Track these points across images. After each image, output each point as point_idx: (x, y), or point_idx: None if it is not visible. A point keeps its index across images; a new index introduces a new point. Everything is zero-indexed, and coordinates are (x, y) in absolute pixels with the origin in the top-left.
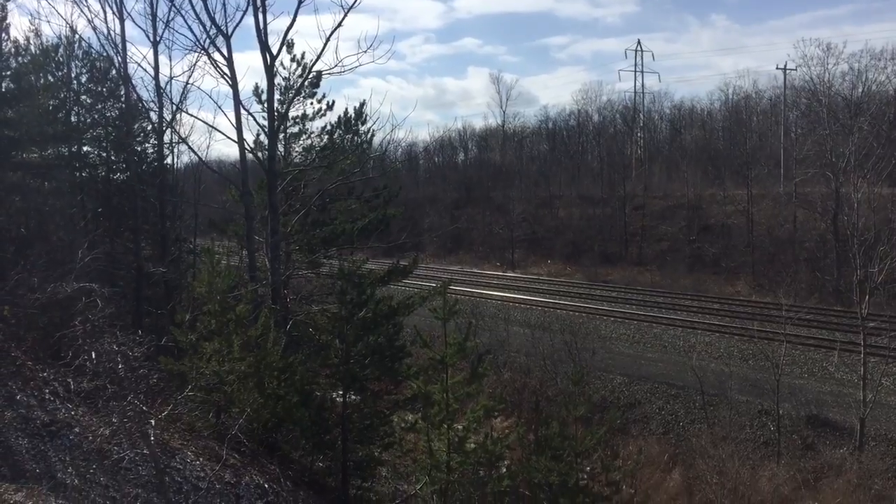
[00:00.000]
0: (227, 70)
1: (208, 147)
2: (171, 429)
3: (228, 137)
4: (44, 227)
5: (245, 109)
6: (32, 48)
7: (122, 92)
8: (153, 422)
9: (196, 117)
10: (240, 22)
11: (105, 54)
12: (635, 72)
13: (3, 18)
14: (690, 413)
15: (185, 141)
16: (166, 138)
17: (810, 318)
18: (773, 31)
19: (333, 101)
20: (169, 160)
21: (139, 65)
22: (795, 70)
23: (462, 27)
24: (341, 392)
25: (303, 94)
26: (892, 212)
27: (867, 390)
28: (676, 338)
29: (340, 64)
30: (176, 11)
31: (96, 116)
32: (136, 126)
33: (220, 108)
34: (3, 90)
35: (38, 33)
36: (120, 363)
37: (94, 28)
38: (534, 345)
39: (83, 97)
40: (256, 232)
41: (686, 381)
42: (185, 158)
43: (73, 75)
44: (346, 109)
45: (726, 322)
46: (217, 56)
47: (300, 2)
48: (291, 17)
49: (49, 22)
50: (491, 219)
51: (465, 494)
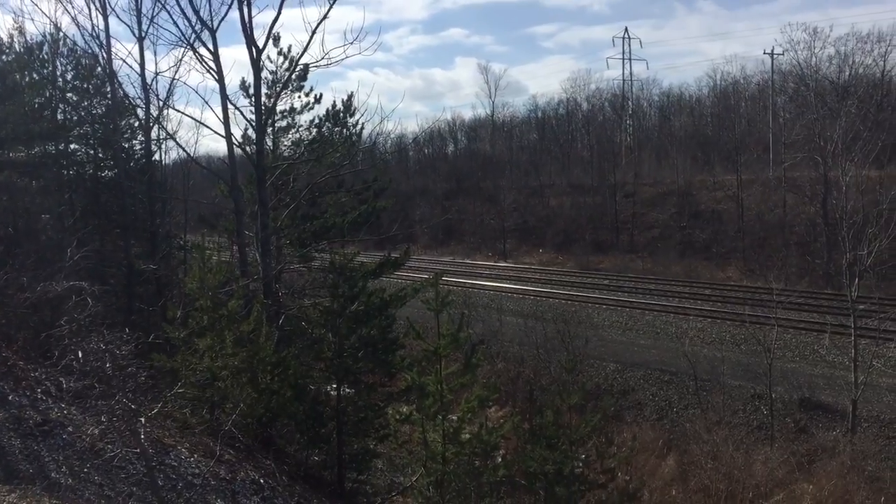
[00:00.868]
0: (213, 65)
1: (196, 143)
2: (165, 426)
3: (216, 132)
4: (32, 226)
5: (232, 104)
6: (16, 46)
7: (108, 89)
8: (143, 419)
9: (183, 113)
10: (225, 16)
11: (90, 51)
12: (623, 59)
13: None
14: (684, 399)
15: (172, 137)
16: (154, 135)
17: (801, 301)
18: (760, 15)
19: (321, 94)
20: (157, 156)
21: (124, 61)
22: (783, 55)
23: (448, 17)
24: (335, 385)
25: (290, 88)
26: (880, 194)
27: (858, 372)
28: (668, 324)
29: (327, 56)
30: (161, 6)
31: (83, 114)
32: (123, 123)
33: (207, 103)
34: None
35: (21, 31)
36: (107, 362)
37: (79, 25)
38: (527, 334)
39: (69, 95)
40: (247, 227)
41: (679, 367)
42: (174, 154)
43: (58, 73)
44: (335, 102)
45: (718, 307)
46: (203, 51)
47: None
48: (277, 10)
49: (33, 20)
50: (482, 209)
51: (461, 485)
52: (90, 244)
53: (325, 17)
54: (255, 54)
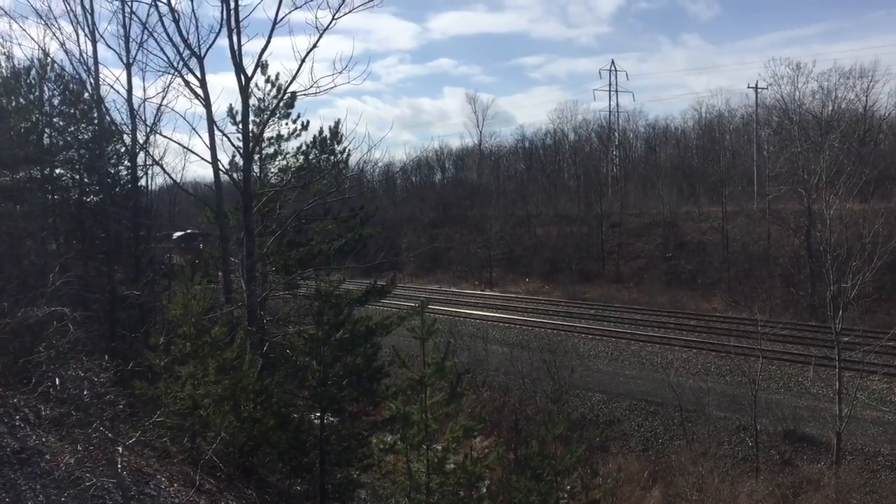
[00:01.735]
0: (200, 91)
1: (183, 169)
2: (144, 454)
3: (203, 159)
4: (15, 250)
5: (219, 130)
6: (4, 71)
7: (95, 114)
8: (120, 448)
9: (170, 139)
10: (213, 43)
11: (77, 76)
12: (610, 91)
13: None
14: (669, 430)
15: (158, 163)
16: (140, 160)
17: (785, 333)
18: (745, 50)
19: (308, 122)
20: (143, 182)
21: (112, 87)
22: (767, 89)
23: (437, 48)
24: (319, 414)
25: (278, 115)
26: (863, 227)
27: (843, 405)
28: (654, 354)
29: (316, 85)
30: (149, 33)
31: (69, 139)
32: (110, 148)
33: (194, 129)
34: None
35: (9, 56)
36: (85, 389)
37: (67, 51)
38: (512, 363)
39: (55, 119)
40: (232, 253)
41: (664, 398)
42: (160, 180)
43: (45, 98)
44: (322, 129)
45: (703, 338)
46: (190, 77)
47: (275, 23)
48: (266, 38)
49: (21, 45)
50: (469, 238)
51: None
52: (73, 269)
53: (314, 46)
54: (243, 81)
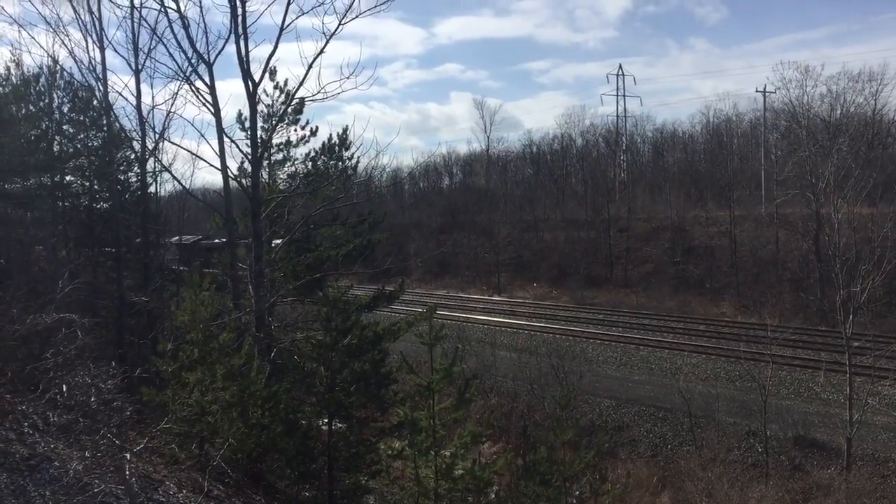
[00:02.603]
0: (209, 98)
1: (192, 175)
2: (152, 461)
3: (212, 165)
4: (25, 256)
5: (228, 137)
6: (13, 78)
7: (104, 121)
8: (128, 455)
9: (179, 146)
10: (221, 50)
11: (86, 84)
12: (617, 96)
13: None
14: (678, 435)
15: (168, 170)
16: (149, 167)
17: (795, 338)
18: (753, 54)
19: (317, 128)
20: (152, 189)
21: (121, 94)
22: (775, 93)
23: (443, 53)
24: (327, 420)
25: (286, 121)
26: (872, 231)
27: (853, 410)
28: (663, 360)
29: (323, 91)
30: (157, 40)
31: (78, 146)
32: (119, 155)
33: (202, 136)
34: None
35: (18, 64)
36: (92, 396)
37: (76, 58)
38: (521, 369)
39: (65, 127)
40: (240, 259)
41: (673, 404)
42: (169, 187)
43: (54, 105)
44: (330, 135)
45: (712, 343)
46: (199, 84)
47: (282, 29)
48: (273, 44)
49: (30, 52)
50: (476, 243)
51: None
52: (82, 276)
53: (321, 51)
54: (251, 88)
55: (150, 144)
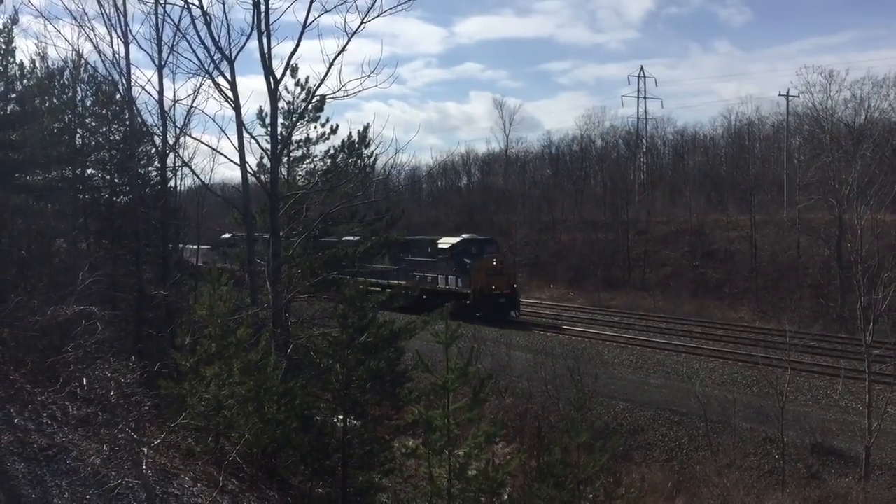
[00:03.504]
0: (230, 94)
1: (212, 170)
2: (169, 454)
3: (231, 161)
4: (46, 249)
5: (248, 133)
6: (38, 71)
7: (127, 115)
8: (145, 449)
9: (200, 140)
10: (243, 46)
11: (110, 78)
12: (638, 98)
13: (9, 41)
14: (694, 440)
15: (188, 164)
16: (170, 161)
17: (814, 344)
18: (776, 57)
19: (337, 125)
20: (172, 183)
21: (143, 88)
22: (798, 97)
23: (463, 52)
24: (342, 417)
25: (306, 118)
26: (895, 238)
27: (872, 418)
28: (680, 364)
29: (344, 88)
30: (181, 36)
31: (100, 139)
32: (140, 149)
33: (223, 131)
34: (8, 113)
35: (43, 57)
36: (112, 390)
37: (100, 52)
38: (536, 370)
39: (88, 120)
40: (258, 255)
41: (689, 408)
42: (189, 181)
43: (78, 98)
44: (350, 133)
45: (730, 348)
46: (221, 80)
47: (304, 27)
48: (295, 42)
49: (55, 46)
50: None
51: None
52: (102, 269)
53: (343, 49)
54: (272, 84)
55: (170, 139)
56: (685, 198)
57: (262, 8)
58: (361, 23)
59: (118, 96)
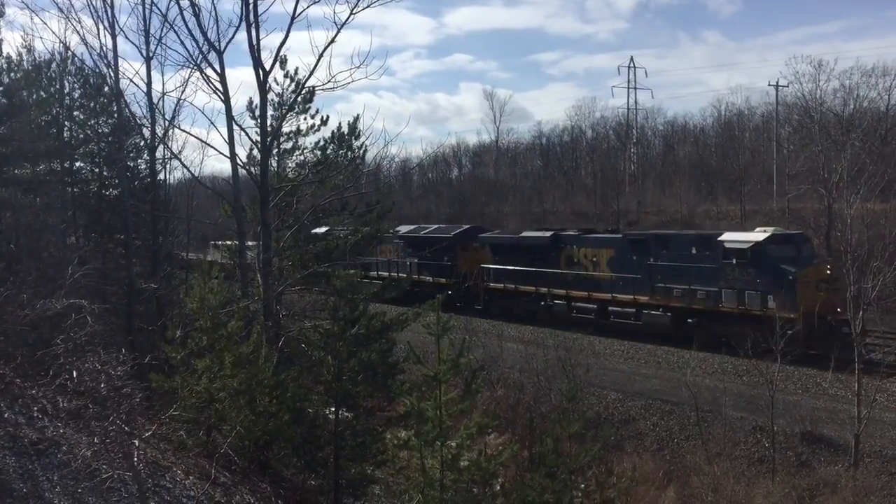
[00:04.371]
0: (219, 86)
1: (202, 163)
2: (160, 447)
3: (221, 153)
4: (35, 242)
5: (238, 125)
6: (25, 64)
7: (115, 108)
8: (136, 442)
9: (189, 133)
10: (232, 38)
11: (97, 70)
12: (628, 88)
13: None
14: (685, 429)
15: (177, 157)
16: (159, 154)
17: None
18: (765, 47)
19: (327, 117)
20: (161, 176)
21: (131, 80)
22: (787, 87)
23: (452, 43)
24: (334, 409)
25: (296, 110)
26: (884, 227)
27: (862, 406)
28: (670, 353)
29: (333, 80)
30: (169, 27)
31: (89, 132)
32: (129, 142)
33: (212, 123)
34: None
35: (30, 49)
36: (102, 382)
37: (87, 44)
38: (527, 361)
39: (76, 113)
40: (249, 248)
41: (680, 398)
42: (178, 174)
43: (65, 91)
44: (340, 125)
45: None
46: (210, 72)
47: (293, 18)
48: (284, 33)
49: (42, 38)
50: None
51: None
52: (92, 262)
53: (332, 41)
54: (261, 76)
55: (159, 132)
56: (675, 188)
57: None
58: (350, 14)
59: (106, 88)
